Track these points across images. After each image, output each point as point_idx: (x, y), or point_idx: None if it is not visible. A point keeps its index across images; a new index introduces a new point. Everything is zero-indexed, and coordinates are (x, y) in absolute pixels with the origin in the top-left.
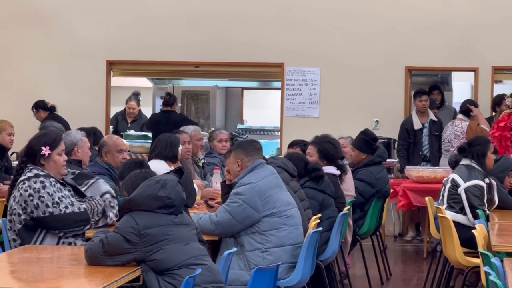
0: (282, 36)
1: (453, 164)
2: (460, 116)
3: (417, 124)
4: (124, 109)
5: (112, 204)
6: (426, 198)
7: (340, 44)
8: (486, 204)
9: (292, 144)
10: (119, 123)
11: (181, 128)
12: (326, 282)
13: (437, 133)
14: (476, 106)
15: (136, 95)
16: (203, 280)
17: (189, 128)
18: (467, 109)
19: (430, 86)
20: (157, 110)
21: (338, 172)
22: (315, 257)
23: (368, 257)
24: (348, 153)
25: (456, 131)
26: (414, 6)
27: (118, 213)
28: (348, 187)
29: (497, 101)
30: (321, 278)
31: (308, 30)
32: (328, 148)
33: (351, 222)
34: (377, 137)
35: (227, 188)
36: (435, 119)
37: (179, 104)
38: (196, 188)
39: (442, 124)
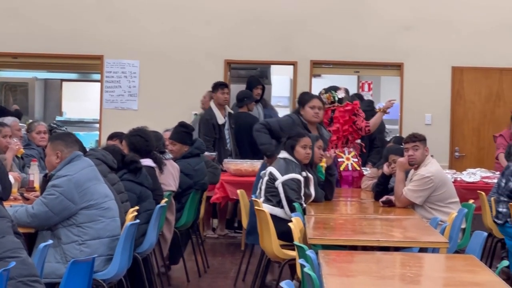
0: (102, 28)
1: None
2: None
3: (220, 118)
4: None
5: None
6: (238, 191)
7: (159, 37)
8: (303, 197)
9: (111, 137)
10: None
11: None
12: (143, 275)
13: (233, 126)
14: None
15: None
16: (19, 273)
17: (9, 119)
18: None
19: (249, 80)
20: None
21: (154, 165)
22: (133, 250)
23: (186, 249)
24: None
25: None
26: (234, 0)
27: None
28: (169, 181)
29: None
30: (138, 271)
31: (127, 22)
32: (135, 141)
33: (170, 216)
34: (194, 128)
35: (47, 183)
36: (231, 111)
37: None
38: (12, 181)
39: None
